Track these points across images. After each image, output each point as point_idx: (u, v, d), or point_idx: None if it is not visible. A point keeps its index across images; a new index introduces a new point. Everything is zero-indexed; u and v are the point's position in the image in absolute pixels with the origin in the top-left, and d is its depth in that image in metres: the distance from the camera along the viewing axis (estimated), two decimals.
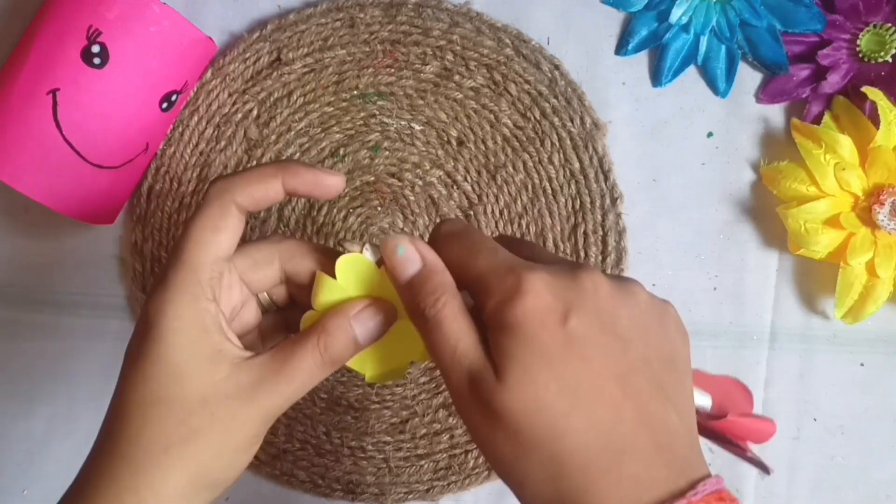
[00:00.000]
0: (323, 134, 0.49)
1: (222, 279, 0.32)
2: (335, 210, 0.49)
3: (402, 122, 0.49)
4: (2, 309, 0.50)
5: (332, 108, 0.50)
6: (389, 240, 0.31)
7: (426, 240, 0.32)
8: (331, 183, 0.32)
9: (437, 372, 0.49)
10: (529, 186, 0.49)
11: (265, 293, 0.35)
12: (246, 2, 0.50)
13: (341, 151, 0.49)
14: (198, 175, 0.49)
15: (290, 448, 0.49)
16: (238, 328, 0.34)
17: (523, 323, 0.27)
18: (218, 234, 0.31)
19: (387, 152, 0.49)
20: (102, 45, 0.43)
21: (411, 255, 0.30)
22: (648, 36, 0.49)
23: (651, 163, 0.50)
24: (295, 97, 0.49)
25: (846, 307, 0.47)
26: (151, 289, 0.31)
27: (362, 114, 0.49)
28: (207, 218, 0.31)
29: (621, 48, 0.50)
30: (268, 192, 0.32)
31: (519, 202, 0.49)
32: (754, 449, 0.49)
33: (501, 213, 0.49)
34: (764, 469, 0.40)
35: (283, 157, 0.49)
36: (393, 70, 0.49)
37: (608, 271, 0.49)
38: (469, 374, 0.28)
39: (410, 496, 0.49)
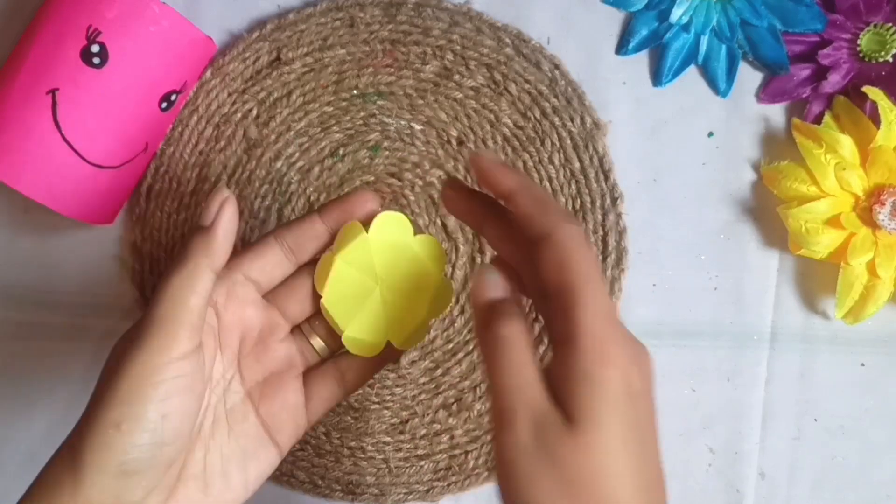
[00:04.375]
0: (323, 134, 0.49)
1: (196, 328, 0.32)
2: None
3: (402, 122, 0.49)
4: (2, 309, 0.50)
5: (331, 108, 0.49)
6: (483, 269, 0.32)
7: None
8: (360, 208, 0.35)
9: (438, 372, 0.49)
10: None
11: (318, 339, 0.36)
12: (245, 1, 0.50)
13: (341, 151, 0.49)
14: (197, 175, 0.49)
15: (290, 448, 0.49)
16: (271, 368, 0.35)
17: (613, 387, 0.27)
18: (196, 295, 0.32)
19: (387, 152, 0.49)
20: (102, 45, 0.43)
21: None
22: (649, 35, 0.49)
23: (651, 163, 0.50)
24: (294, 97, 0.49)
25: (847, 307, 0.47)
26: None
27: (362, 113, 0.49)
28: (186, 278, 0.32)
29: (621, 48, 0.49)
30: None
31: None
32: (756, 452, 0.49)
33: None
34: None
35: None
36: (393, 70, 0.49)
37: (608, 272, 0.49)
38: (535, 418, 0.27)
39: (410, 497, 0.49)
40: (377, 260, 0.35)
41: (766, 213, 0.49)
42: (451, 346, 0.49)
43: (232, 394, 0.34)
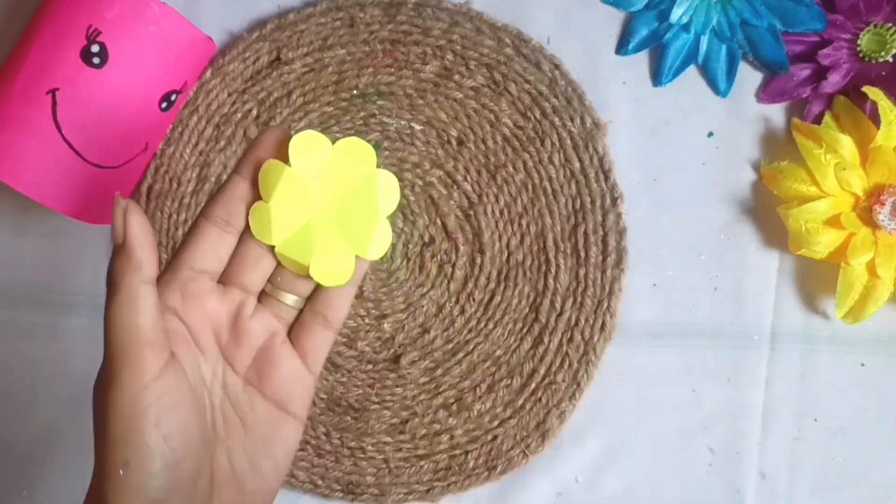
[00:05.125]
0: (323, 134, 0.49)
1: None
2: None
3: (402, 122, 0.49)
4: (2, 309, 0.50)
5: (331, 108, 0.49)
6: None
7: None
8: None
9: (438, 372, 0.49)
10: (529, 186, 0.49)
11: (286, 294, 0.34)
12: (245, 2, 0.50)
13: None
14: (197, 175, 0.49)
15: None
16: (252, 346, 0.34)
17: None
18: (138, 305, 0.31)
19: (387, 152, 0.49)
20: (102, 45, 0.43)
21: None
22: (649, 35, 0.49)
23: (651, 163, 0.50)
24: (294, 97, 0.49)
25: (847, 307, 0.47)
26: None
27: (362, 113, 0.49)
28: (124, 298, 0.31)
29: (622, 48, 0.49)
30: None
31: (519, 202, 0.49)
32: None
33: (501, 212, 0.49)
34: None
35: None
36: (393, 70, 0.49)
37: (608, 272, 0.49)
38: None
39: (410, 497, 0.49)
40: (310, 185, 0.33)
41: (766, 213, 0.49)
42: (451, 346, 0.49)
43: (231, 387, 0.34)
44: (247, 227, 0.33)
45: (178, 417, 0.30)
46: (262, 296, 0.35)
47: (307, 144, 0.33)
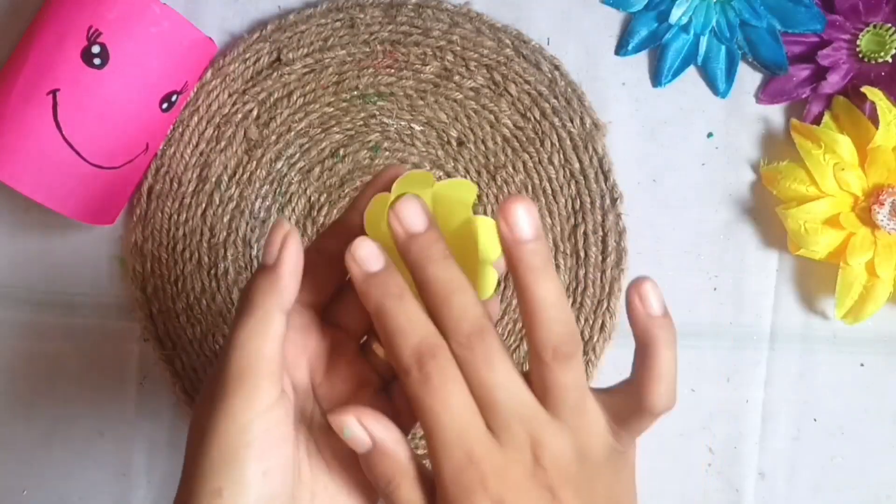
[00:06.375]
0: (323, 134, 0.49)
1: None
2: (335, 211, 0.49)
3: (402, 123, 0.49)
4: (2, 309, 0.50)
5: (332, 109, 0.50)
6: (334, 419, 0.29)
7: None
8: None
9: None
10: (529, 187, 0.49)
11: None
12: (246, 2, 0.50)
13: (341, 152, 0.49)
14: (198, 175, 0.49)
15: None
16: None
17: None
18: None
19: (387, 153, 0.49)
20: (102, 46, 0.43)
21: (359, 437, 0.29)
22: (648, 36, 0.49)
23: (651, 163, 0.50)
24: (295, 97, 0.49)
25: (846, 307, 0.47)
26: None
27: (362, 114, 0.50)
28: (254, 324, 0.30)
29: (621, 48, 0.50)
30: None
31: None
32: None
33: None
34: None
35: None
36: (393, 70, 0.49)
37: (608, 272, 0.49)
38: None
39: None
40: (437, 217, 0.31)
41: (765, 213, 0.49)
42: None
43: (317, 429, 0.32)
44: None
45: (281, 453, 0.29)
46: (364, 344, 0.34)
47: (461, 189, 0.32)
